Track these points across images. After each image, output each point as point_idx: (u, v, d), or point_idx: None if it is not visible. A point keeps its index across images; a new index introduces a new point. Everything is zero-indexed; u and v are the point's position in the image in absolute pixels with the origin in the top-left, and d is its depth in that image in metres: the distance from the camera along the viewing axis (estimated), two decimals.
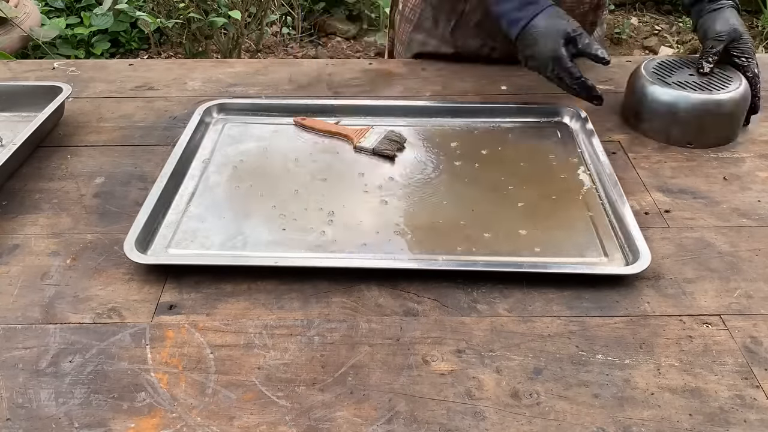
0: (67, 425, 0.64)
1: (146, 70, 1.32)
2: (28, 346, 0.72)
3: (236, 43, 2.95)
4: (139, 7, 2.84)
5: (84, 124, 1.13)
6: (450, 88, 1.23)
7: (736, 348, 0.72)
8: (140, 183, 0.98)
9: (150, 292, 0.79)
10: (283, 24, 3.43)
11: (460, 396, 0.67)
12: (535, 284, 0.79)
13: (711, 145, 1.06)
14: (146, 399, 0.66)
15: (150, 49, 3.21)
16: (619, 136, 1.09)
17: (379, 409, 0.65)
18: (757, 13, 3.57)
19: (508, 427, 0.64)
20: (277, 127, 1.11)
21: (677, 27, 3.54)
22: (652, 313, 0.76)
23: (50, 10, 3.11)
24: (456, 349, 0.72)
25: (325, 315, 0.76)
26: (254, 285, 0.80)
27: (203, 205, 0.92)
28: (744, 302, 0.78)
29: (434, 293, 0.78)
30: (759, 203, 0.94)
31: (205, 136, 1.07)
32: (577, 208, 0.92)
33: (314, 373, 0.69)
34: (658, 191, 0.96)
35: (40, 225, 0.89)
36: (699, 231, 0.88)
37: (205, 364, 0.70)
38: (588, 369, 0.69)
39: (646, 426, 0.64)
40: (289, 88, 1.24)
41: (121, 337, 0.73)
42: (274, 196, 0.94)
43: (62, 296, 0.78)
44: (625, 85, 1.14)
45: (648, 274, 0.80)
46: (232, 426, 0.64)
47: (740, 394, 0.67)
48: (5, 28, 2.61)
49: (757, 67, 1.09)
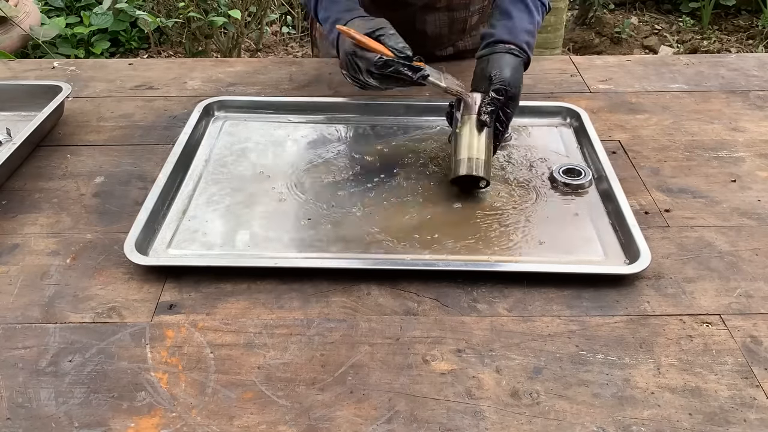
0: (67, 425, 0.64)
1: (146, 69, 1.32)
2: (28, 346, 0.72)
3: (236, 43, 2.95)
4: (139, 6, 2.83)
5: (84, 123, 1.13)
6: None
7: (736, 348, 0.72)
8: (140, 182, 0.98)
9: (150, 292, 0.79)
10: (282, 23, 3.43)
11: (460, 395, 0.67)
12: (535, 284, 0.79)
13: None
14: (146, 398, 0.66)
15: (150, 48, 3.21)
16: (619, 136, 1.09)
17: (378, 408, 0.65)
18: (757, 13, 3.57)
19: (508, 426, 0.64)
20: (277, 125, 1.11)
21: (677, 26, 3.54)
22: (652, 313, 0.76)
23: (50, 10, 3.10)
24: (456, 349, 0.72)
25: (325, 314, 0.76)
26: (254, 284, 0.80)
27: (203, 204, 0.92)
28: (744, 302, 0.78)
29: (434, 293, 0.78)
30: (759, 203, 0.94)
31: (204, 135, 1.07)
32: (577, 207, 0.92)
33: (314, 372, 0.69)
34: (658, 191, 0.96)
35: (40, 224, 0.89)
36: (699, 230, 0.88)
37: (205, 363, 0.70)
38: (588, 368, 0.69)
39: (646, 425, 0.64)
40: (289, 87, 1.24)
41: (121, 336, 0.73)
42: (274, 195, 0.94)
43: (62, 296, 0.78)
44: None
45: (648, 273, 0.80)
46: (232, 425, 0.64)
47: (740, 394, 0.67)
48: (5, 27, 2.61)
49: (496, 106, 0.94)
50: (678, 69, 1.31)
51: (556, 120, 1.11)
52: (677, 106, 1.18)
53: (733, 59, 1.35)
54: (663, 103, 1.19)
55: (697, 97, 1.21)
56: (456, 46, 1.30)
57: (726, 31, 3.51)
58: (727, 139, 1.08)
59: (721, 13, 3.62)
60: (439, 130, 1.09)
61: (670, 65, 1.33)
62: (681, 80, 1.27)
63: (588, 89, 1.23)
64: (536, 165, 1.00)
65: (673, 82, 1.26)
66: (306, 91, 1.22)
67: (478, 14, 1.28)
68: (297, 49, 3.38)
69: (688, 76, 1.28)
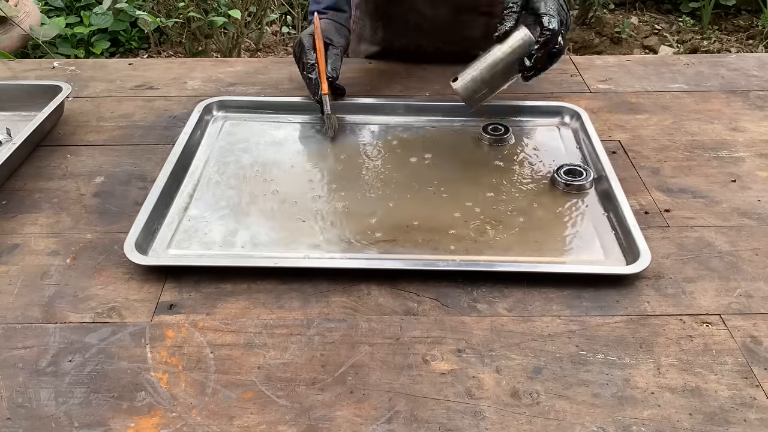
0: (66, 425, 0.64)
1: (146, 69, 1.32)
2: (28, 346, 0.72)
3: (236, 43, 2.95)
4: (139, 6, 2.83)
5: (84, 123, 1.13)
6: (451, 88, 1.23)
7: (736, 347, 0.72)
8: (140, 182, 0.98)
9: (150, 292, 0.79)
10: (282, 23, 3.43)
11: (460, 395, 0.67)
12: (535, 284, 0.79)
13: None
14: (146, 398, 0.66)
15: (150, 48, 3.21)
16: (619, 136, 1.09)
17: (378, 408, 0.65)
18: (757, 13, 3.57)
19: (508, 426, 0.64)
20: (277, 125, 1.11)
21: (677, 26, 3.54)
22: (652, 313, 0.76)
23: (50, 9, 3.10)
24: (456, 349, 0.72)
25: (325, 314, 0.76)
26: (254, 284, 0.80)
27: (203, 204, 0.92)
28: (744, 302, 0.78)
29: (434, 293, 0.78)
30: (759, 203, 0.94)
31: (204, 135, 1.07)
32: (577, 207, 0.92)
33: (314, 372, 0.69)
34: (658, 190, 0.96)
35: (39, 224, 0.89)
36: (699, 230, 0.88)
37: (205, 363, 0.70)
38: (588, 368, 0.69)
39: (646, 425, 0.64)
40: (289, 87, 1.24)
41: (121, 336, 0.73)
42: (274, 195, 0.94)
43: (62, 296, 0.78)
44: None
45: (648, 273, 0.80)
46: (232, 425, 0.64)
47: (740, 394, 0.67)
48: (5, 27, 2.61)
49: (557, 22, 0.94)
50: (678, 69, 1.31)
51: (556, 120, 1.11)
52: (677, 106, 1.18)
53: (733, 59, 1.35)
54: (663, 103, 1.19)
55: (697, 97, 1.21)
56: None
57: (726, 31, 3.52)
58: (727, 139, 1.08)
59: (721, 13, 3.62)
60: (438, 129, 1.09)
61: (670, 65, 1.33)
62: (681, 80, 1.27)
63: (588, 89, 1.23)
64: (536, 165, 1.00)
65: (673, 82, 1.26)
66: (306, 91, 1.22)
67: None
68: None
69: (688, 76, 1.28)
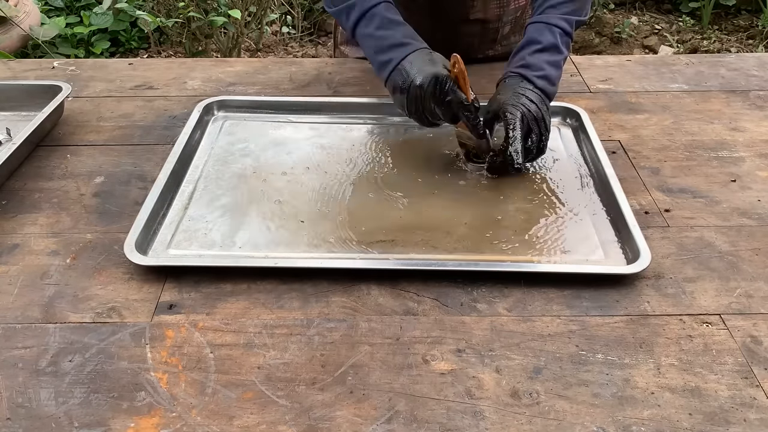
0: (66, 425, 0.64)
1: (146, 69, 1.32)
2: (28, 346, 0.72)
3: (236, 43, 2.95)
4: (139, 6, 2.83)
5: (84, 123, 1.13)
6: None
7: (736, 347, 0.72)
8: (140, 182, 0.98)
9: (150, 292, 0.79)
10: (283, 23, 3.43)
11: (460, 395, 0.67)
12: (535, 284, 0.79)
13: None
14: (146, 398, 0.66)
15: (150, 48, 3.21)
16: (619, 136, 1.09)
17: (378, 408, 0.65)
18: (757, 13, 3.57)
19: (508, 426, 0.64)
20: (277, 125, 1.11)
21: (677, 26, 3.54)
22: (652, 313, 0.76)
23: (50, 9, 3.10)
24: (456, 349, 0.72)
25: (325, 314, 0.76)
26: (254, 284, 0.80)
27: (203, 204, 0.92)
28: (744, 302, 0.78)
29: (434, 293, 0.78)
30: (759, 203, 0.94)
31: (204, 135, 1.07)
32: (577, 207, 0.92)
33: (314, 372, 0.69)
34: (658, 191, 0.96)
35: (39, 224, 0.89)
36: (699, 230, 0.88)
37: (205, 363, 0.70)
38: (588, 368, 0.69)
39: (646, 425, 0.64)
40: (289, 87, 1.24)
41: (121, 336, 0.73)
42: (274, 195, 0.94)
43: (62, 296, 0.78)
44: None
45: (648, 273, 0.80)
46: (232, 425, 0.64)
47: (740, 394, 0.67)
48: (5, 27, 2.61)
49: (517, 128, 0.93)
50: (678, 69, 1.31)
51: (556, 120, 1.11)
52: (677, 106, 1.18)
53: (733, 59, 1.35)
54: (663, 103, 1.19)
55: (697, 97, 1.21)
56: (486, 54, 1.29)
57: (726, 31, 3.51)
58: (727, 139, 1.08)
59: (721, 13, 3.62)
60: (437, 130, 1.09)
61: (670, 65, 1.33)
62: (681, 80, 1.27)
63: (588, 89, 1.23)
64: (536, 165, 1.00)
65: (673, 82, 1.26)
66: (306, 91, 1.22)
67: (510, 24, 1.27)
68: (297, 49, 3.38)
69: (688, 76, 1.28)
